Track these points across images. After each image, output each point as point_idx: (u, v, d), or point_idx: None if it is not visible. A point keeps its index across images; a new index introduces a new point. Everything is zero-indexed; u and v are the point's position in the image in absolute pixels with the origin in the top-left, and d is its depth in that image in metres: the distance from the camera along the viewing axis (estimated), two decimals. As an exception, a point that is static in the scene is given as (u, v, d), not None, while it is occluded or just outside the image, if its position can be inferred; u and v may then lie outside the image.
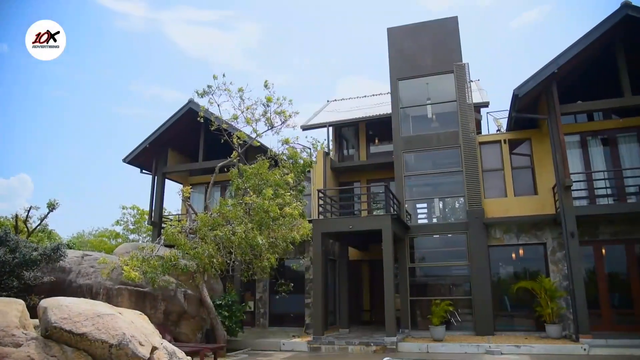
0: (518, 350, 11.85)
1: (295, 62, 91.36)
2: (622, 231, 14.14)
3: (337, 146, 20.43)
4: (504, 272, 15.53)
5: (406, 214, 16.18)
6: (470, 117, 16.09)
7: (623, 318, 13.91)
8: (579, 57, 13.73)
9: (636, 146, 15.10)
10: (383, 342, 12.63)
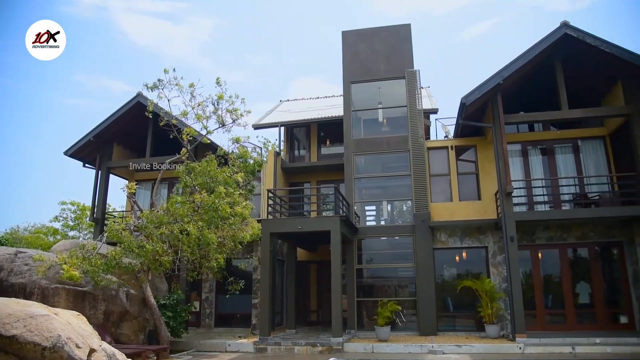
0: (459, 350, 12.27)
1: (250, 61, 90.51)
2: (557, 236, 14.96)
3: (289, 146, 20.43)
4: (447, 274, 16.04)
5: (355, 216, 16.39)
6: (419, 123, 16.50)
7: (555, 318, 14.73)
8: (522, 70, 14.39)
9: (571, 157, 16.01)
10: (329, 342, 12.73)
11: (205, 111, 14.22)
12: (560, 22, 14.07)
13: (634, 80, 14.07)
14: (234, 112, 14.33)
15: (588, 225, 14.79)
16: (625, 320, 14.25)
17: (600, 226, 14.78)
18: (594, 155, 15.88)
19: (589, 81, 15.61)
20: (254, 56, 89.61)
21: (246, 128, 15.15)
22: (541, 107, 15.37)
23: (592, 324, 14.35)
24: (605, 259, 15.18)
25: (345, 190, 16.46)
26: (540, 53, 14.17)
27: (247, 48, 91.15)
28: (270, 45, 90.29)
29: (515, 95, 15.73)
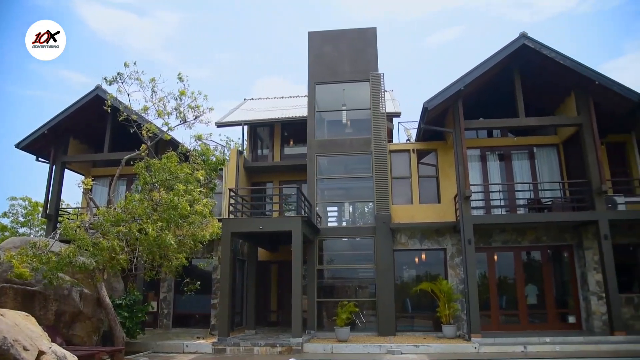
0: (417, 350, 12.49)
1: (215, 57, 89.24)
2: (512, 239, 15.45)
3: (251, 145, 20.27)
4: (407, 276, 16.29)
5: (317, 217, 16.42)
6: (382, 126, 16.70)
7: (509, 318, 15.22)
8: (482, 77, 14.79)
9: (527, 163, 16.58)
10: (289, 343, 12.71)
11: (166, 107, 13.92)
12: (519, 33, 14.55)
13: (585, 92, 14.69)
14: (197, 109, 14.08)
15: (541, 229, 15.35)
16: (573, 320, 14.90)
17: (552, 230, 15.37)
18: (547, 162, 16.50)
19: (545, 91, 16.20)
20: (219, 53, 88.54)
21: (209, 125, 14.97)
22: (500, 114, 15.84)
23: (544, 324, 14.92)
24: (556, 262, 15.79)
25: (307, 191, 16.47)
26: (499, 62, 14.61)
27: (213, 44, 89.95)
28: (236, 43, 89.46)
29: (475, 102, 16.15)
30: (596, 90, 14.36)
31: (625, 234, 15.08)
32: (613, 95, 14.23)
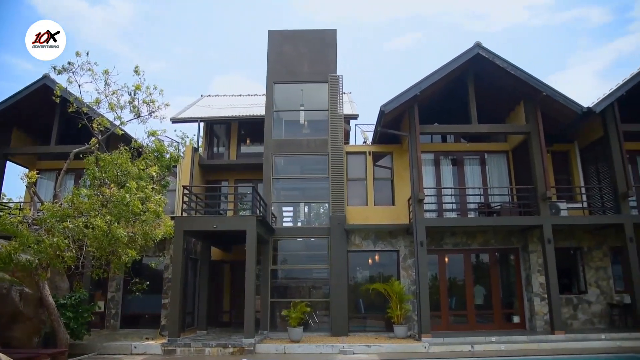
0: (369, 350, 12.63)
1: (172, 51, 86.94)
2: (462, 242, 15.91)
3: (207, 143, 19.93)
4: (360, 277, 16.45)
5: (272, 217, 16.34)
6: (339, 127, 16.82)
7: (458, 319, 15.66)
8: (438, 84, 15.17)
9: (478, 168, 17.13)
10: (241, 343, 12.56)
11: (119, 100, 13.46)
12: (474, 42, 15.01)
13: (534, 102, 15.32)
14: (152, 104, 13.68)
15: (490, 232, 15.89)
16: (517, 320, 15.51)
17: (500, 234, 15.94)
18: (497, 168, 17.12)
19: (497, 99, 16.77)
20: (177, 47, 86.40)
21: (163, 121, 14.59)
22: (454, 120, 16.29)
23: (490, 324, 15.45)
24: (503, 264, 16.38)
25: (263, 190, 16.36)
26: (455, 69, 15.02)
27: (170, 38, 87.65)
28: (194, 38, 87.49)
29: (431, 107, 16.53)
30: (544, 100, 15.01)
31: (566, 238, 15.85)
32: (559, 106, 14.93)
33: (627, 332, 13.81)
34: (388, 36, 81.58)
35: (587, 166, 17.06)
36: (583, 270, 15.86)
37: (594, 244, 15.98)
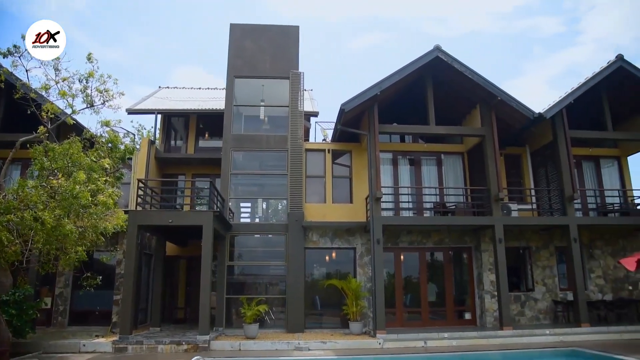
0: (324, 346, 12.71)
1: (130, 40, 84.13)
2: (418, 240, 16.24)
3: (165, 136, 19.47)
4: (317, 274, 16.51)
5: (229, 212, 16.15)
6: (300, 124, 16.80)
7: (412, 316, 15.98)
8: (398, 84, 15.39)
9: (435, 169, 17.52)
10: (195, 340, 12.37)
11: (71, 88, 12.93)
12: (434, 45, 15.31)
13: (489, 106, 15.80)
14: (106, 93, 13.21)
15: (444, 231, 16.29)
16: (469, 317, 16.00)
17: (454, 233, 16.37)
18: (453, 169, 17.57)
19: (455, 102, 17.18)
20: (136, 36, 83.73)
21: (118, 112, 14.13)
22: (413, 120, 16.59)
23: (443, 321, 15.86)
24: (457, 263, 16.83)
25: (221, 186, 16.14)
26: (415, 71, 15.27)
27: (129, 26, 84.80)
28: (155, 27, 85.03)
29: (390, 107, 16.77)
30: (498, 105, 15.52)
31: (516, 238, 16.46)
32: (512, 110, 15.47)
33: (569, 327, 14.52)
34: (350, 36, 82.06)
35: (537, 169, 17.78)
36: (531, 269, 16.52)
37: (542, 243, 16.68)
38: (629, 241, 17.21)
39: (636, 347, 12.32)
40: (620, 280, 16.86)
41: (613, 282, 16.81)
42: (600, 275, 16.78)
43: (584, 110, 16.96)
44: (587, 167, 18.19)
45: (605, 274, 16.83)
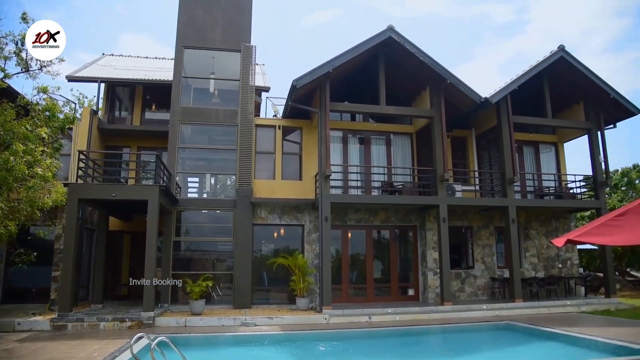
0: (271, 322, 12.81)
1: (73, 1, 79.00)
2: (365, 218, 16.53)
3: (109, 106, 18.61)
4: (265, 250, 16.51)
5: (176, 187, 15.79)
6: (250, 99, 16.51)
7: (358, 292, 16.37)
8: (350, 63, 15.36)
9: (384, 148, 17.77)
10: (139, 317, 12.14)
11: (3, 49, 12.10)
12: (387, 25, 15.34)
13: (438, 88, 16.11)
14: (43, 57, 12.45)
15: (391, 210, 16.65)
16: (412, 293, 16.58)
17: (400, 212, 16.77)
18: (402, 149, 17.89)
19: (406, 83, 17.38)
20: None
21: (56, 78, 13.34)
22: (364, 100, 16.68)
23: (387, 297, 16.35)
24: (402, 241, 17.30)
25: (167, 159, 15.71)
26: (367, 50, 15.27)
27: (65, -14, 79.50)
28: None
29: (342, 86, 16.77)
30: (448, 88, 15.85)
31: (459, 217, 17.08)
32: (460, 94, 15.85)
33: (504, 302, 15.37)
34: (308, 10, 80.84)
35: (481, 152, 18.42)
36: (472, 248, 17.25)
37: (483, 223, 17.41)
38: (561, 223, 18.28)
39: (562, 319, 13.24)
40: (551, 258, 17.92)
41: (545, 261, 17.85)
42: (534, 254, 17.77)
43: (526, 97, 17.66)
44: (527, 151, 19.02)
45: (539, 253, 17.83)
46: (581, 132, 18.27)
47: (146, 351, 7.35)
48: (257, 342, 11.20)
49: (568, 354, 9.90)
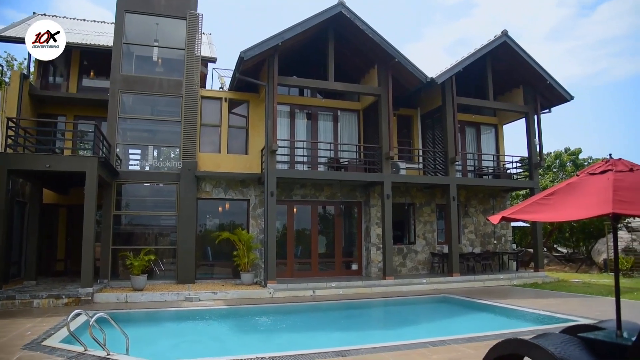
0: (215, 296, 12.73)
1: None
2: (311, 194, 16.61)
3: (41, 71, 17.40)
4: (210, 224, 16.29)
5: (116, 159, 15.17)
6: (196, 69, 15.99)
7: (302, 266, 16.54)
8: (300, 36, 15.15)
9: (331, 125, 17.80)
10: (77, 293, 11.70)
11: None
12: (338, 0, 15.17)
13: (386, 67, 16.22)
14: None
15: (337, 186, 16.81)
16: (356, 268, 16.95)
17: (346, 188, 16.97)
18: (348, 125, 18.00)
19: (355, 60, 17.36)
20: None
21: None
22: (312, 75, 16.52)
23: (332, 271, 16.63)
24: (347, 216, 17.56)
25: (107, 130, 15.01)
26: (317, 24, 15.10)
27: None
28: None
29: (291, 60, 16.53)
30: (395, 66, 15.99)
31: (403, 194, 17.51)
32: (407, 73, 16.07)
33: (443, 276, 16.04)
34: (251, -20, 78.64)
35: (425, 131, 18.85)
36: (414, 224, 17.78)
37: (425, 201, 17.94)
38: (498, 201, 19.16)
39: (495, 292, 14.02)
40: (488, 235, 18.80)
41: (482, 237, 18.71)
42: (472, 230, 18.57)
43: (470, 79, 18.16)
44: (469, 132, 19.67)
45: (476, 229, 18.65)
46: (519, 115, 19.06)
47: (84, 328, 7.13)
48: (200, 317, 11.11)
49: (500, 323, 10.50)
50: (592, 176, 5.31)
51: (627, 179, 4.91)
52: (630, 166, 5.21)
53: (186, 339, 9.38)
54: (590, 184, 5.20)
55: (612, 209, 4.37)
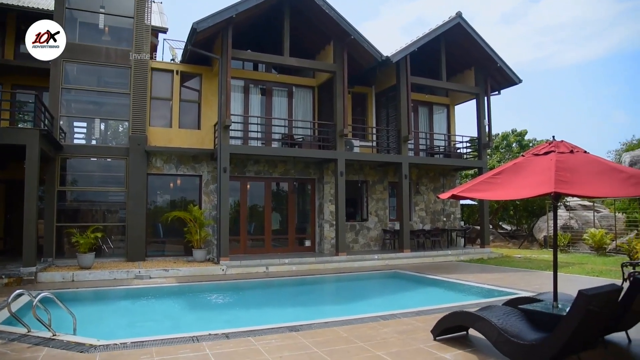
0: (166, 274, 12.51)
1: None
2: (264, 170, 16.49)
3: (-26, 35, 16.23)
4: (160, 201, 15.90)
5: (60, 132, 14.44)
6: (145, 39, 15.33)
7: (255, 243, 16.50)
8: (255, 9, 14.79)
9: (285, 100, 17.63)
10: (19, 273, 11.17)
11: None
12: (294, -28, 14.87)
13: (342, 44, 16.12)
14: None
15: (290, 162, 16.76)
16: (309, 244, 17.08)
17: (300, 165, 16.94)
18: (303, 102, 17.88)
19: (311, 36, 17.12)
20: None
21: None
22: (268, 49, 16.21)
23: (285, 248, 16.69)
24: (300, 193, 17.58)
25: (50, 101, 14.21)
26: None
27: None
28: None
29: (246, 33, 16.16)
30: (351, 44, 15.93)
31: (356, 172, 17.69)
32: (363, 51, 16.06)
33: (394, 253, 16.43)
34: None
35: (380, 109, 19.00)
36: (367, 201, 18.04)
37: (377, 178, 18.21)
38: (448, 180, 19.70)
39: (443, 267, 14.52)
40: (437, 212, 19.35)
41: (432, 214, 19.24)
42: (423, 208, 19.05)
43: (424, 59, 18.32)
44: (422, 111, 19.98)
45: (427, 207, 19.14)
46: (470, 96, 19.53)
47: (27, 309, 6.85)
48: (152, 294, 10.90)
49: (447, 297, 10.90)
50: (536, 157, 5.56)
51: (568, 160, 5.17)
52: (571, 148, 5.48)
53: (137, 317, 9.20)
54: (534, 165, 5.44)
55: (553, 189, 4.61)
